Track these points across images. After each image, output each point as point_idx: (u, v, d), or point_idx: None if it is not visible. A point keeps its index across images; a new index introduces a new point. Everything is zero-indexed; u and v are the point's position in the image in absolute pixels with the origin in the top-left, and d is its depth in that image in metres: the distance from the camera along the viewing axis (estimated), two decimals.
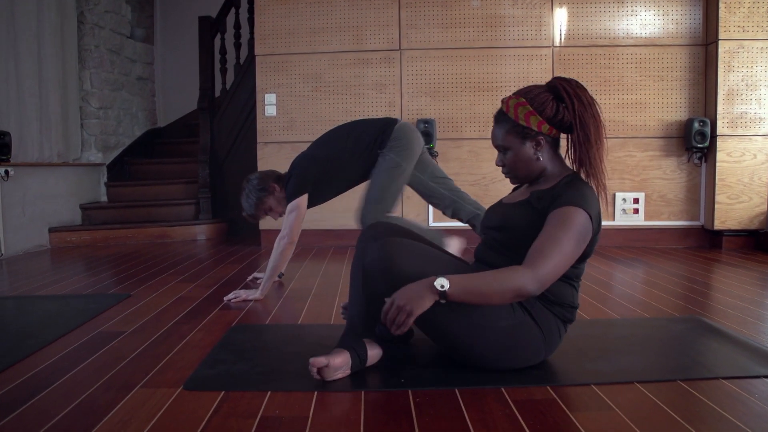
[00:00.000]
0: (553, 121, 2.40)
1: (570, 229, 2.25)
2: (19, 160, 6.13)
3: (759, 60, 5.74)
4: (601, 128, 2.42)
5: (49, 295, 4.11)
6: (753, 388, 2.24)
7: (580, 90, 2.40)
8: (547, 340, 2.42)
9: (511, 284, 2.17)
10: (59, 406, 2.14)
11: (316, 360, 2.30)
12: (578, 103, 2.37)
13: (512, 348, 2.34)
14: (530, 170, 2.49)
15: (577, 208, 2.29)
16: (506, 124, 2.47)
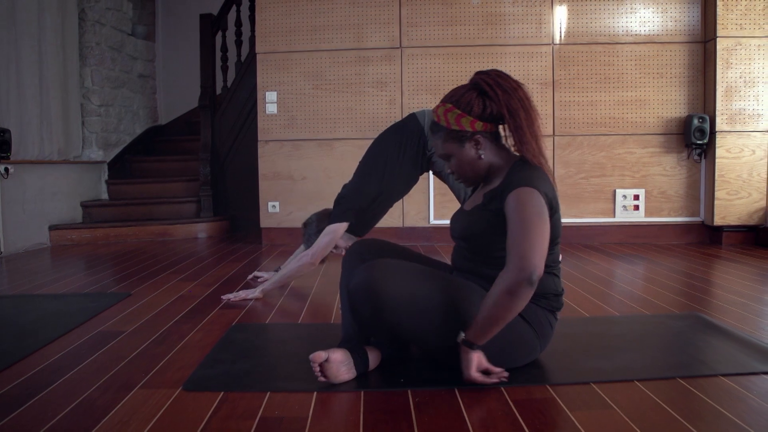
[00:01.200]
0: (484, 117, 2.38)
1: (528, 208, 2.24)
2: (20, 158, 6.14)
3: (756, 57, 5.74)
4: (531, 111, 2.38)
5: (49, 293, 4.12)
6: (752, 385, 2.24)
7: (502, 79, 2.39)
8: (540, 335, 2.42)
9: (507, 293, 2.16)
10: (58, 407, 2.14)
11: (316, 355, 2.29)
12: (502, 92, 2.35)
13: (506, 350, 2.33)
14: (477, 170, 2.47)
15: (526, 187, 2.27)
16: (442, 133, 2.46)
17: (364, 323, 2.40)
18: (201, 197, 7.36)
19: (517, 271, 2.15)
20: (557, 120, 6.05)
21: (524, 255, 2.16)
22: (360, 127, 6.14)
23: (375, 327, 2.39)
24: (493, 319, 2.18)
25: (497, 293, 2.17)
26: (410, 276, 2.33)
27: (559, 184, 6.05)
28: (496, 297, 2.17)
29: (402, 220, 6.13)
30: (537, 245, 2.19)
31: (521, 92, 2.38)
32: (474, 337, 2.21)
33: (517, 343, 2.36)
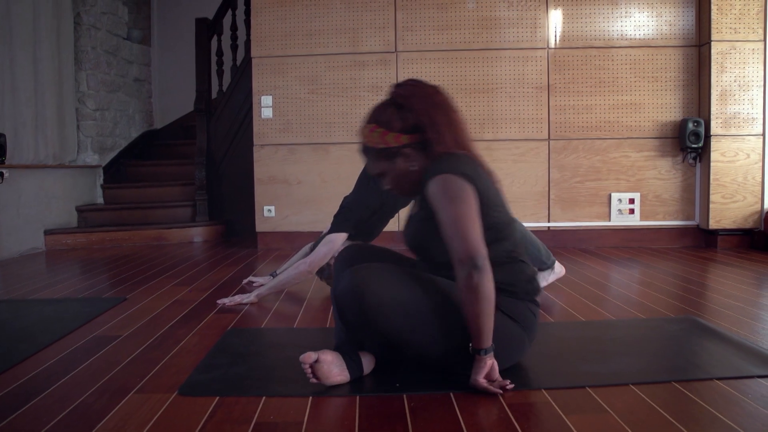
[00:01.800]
0: (406, 130, 2.39)
1: (446, 196, 2.25)
2: (15, 162, 6.13)
3: (751, 61, 5.75)
4: (450, 111, 2.41)
5: (44, 298, 4.11)
6: (747, 388, 2.25)
7: (416, 88, 2.42)
8: (525, 327, 2.42)
9: (467, 290, 2.17)
10: (54, 412, 2.14)
11: (306, 356, 2.29)
12: (417, 101, 2.38)
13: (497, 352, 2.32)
14: (413, 181, 2.46)
15: (437, 176, 2.27)
16: (371, 154, 2.47)
17: (351, 327, 2.40)
18: (196, 201, 7.35)
19: (461, 265, 2.17)
20: (552, 124, 6.06)
21: (459, 247, 2.18)
22: (355, 131, 6.07)
23: (363, 331, 2.39)
24: (476, 319, 2.19)
25: (461, 295, 2.19)
26: (395, 279, 2.31)
27: (555, 188, 6.06)
28: (463, 299, 2.19)
29: (398, 225, 6.13)
30: (467, 230, 2.19)
31: (438, 97, 2.42)
32: (476, 343, 2.21)
33: (505, 342, 2.34)
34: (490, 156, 5.97)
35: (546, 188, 6.08)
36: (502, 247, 2.39)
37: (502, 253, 2.38)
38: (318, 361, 2.30)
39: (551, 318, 3.37)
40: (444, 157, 2.35)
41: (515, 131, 6.07)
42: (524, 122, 6.05)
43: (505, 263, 2.40)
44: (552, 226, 6.08)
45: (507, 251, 2.40)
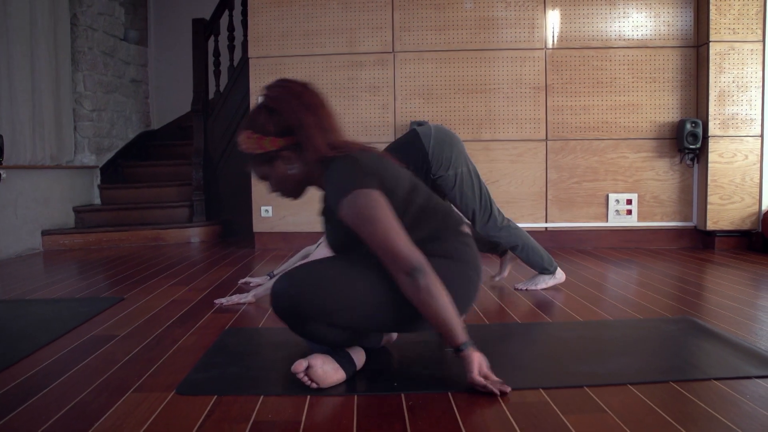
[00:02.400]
0: (280, 133, 2.38)
1: (361, 219, 2.24)
2: (12, 163, 6.12)
3: (749, 61, 5.76)
4: (319, 109, 2.42)
5: (42, 298, 4.10)
6: (745, 389, 2.25)
7: (284, 89, 2.41)
8: (462, 260, 2.45)
9: (415, 291, 2.18)
10: (51, 411, 2.14)
11: (297, 365, 2.28)
12: (285, 103, 2.37)
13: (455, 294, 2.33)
14: (295, 183, 2.48)
15: (344, 198, 2.26)
16: (250, 160, 2.47)
17: (305, 335, 2.39)
18: (194, 202, 7.35)
19: (403, 275, 2.18)
20: (550, 124, 6.06)
21: (394, 261, 2.19)
22: (352, 131, 6.14)
23: (315, 335, 2.37)
24: (439, 318, 2.20)
25: (415, 303, 2.20)
26: (324, 276, 2.29)
27: (552, 188, 6.07)
28: (418, 305, 2.20)
29: None
30: (394, 243, 2.19)
31: (306, 96, 2.41)
32: (452, 341, 2.23)
33: (447, 284, 2.31)
34: (487, 156, 5.98)
35: (543, 189, 6.08)
36: (429, 226, 2.43)
37: (431, 231, 2.42)
38: (310, 366, 2.29)
39: (549, 318, 3.38)
40: (336, 171, 2.33)
41: (513, 132, 6.07)
42: (522, 123, 6.06)
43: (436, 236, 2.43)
44: (549, 226, 6.09)
45: (436, 229, 2.44)
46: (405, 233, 2.24)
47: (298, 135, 2.36)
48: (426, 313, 2.21)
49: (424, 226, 2.40)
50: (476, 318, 3.39)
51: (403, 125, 6.05)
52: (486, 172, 5.89)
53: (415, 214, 2.40)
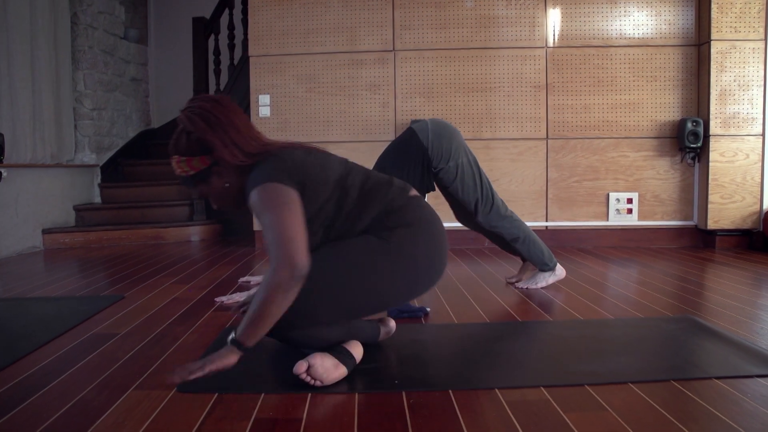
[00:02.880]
0: (202, 151, 2.41)
1: (261, 208, 2.27)
2: (12, 162, 6.12)
3: (751, 60, 5.76)
4: (234, 118, 2.44)
5: (43, 296, 4.11)
6: (746, 387, 2.25)
7: (192, 110, 2.43)
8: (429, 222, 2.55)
9: (276, 289, 2.15)
10: (52, 408, 2.14)
11: (298, 366, 2.28)
12: (197, 122, 2.40)
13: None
14: (233, 194, 2.51)
15: (254, 188, 2.30)
16: (185, 182, 2.51)
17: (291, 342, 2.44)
18: (194, 200, 7.35)
19: (281, 269, 2.15)
20: (550, 123, 6.06)
21: (279, 254, 2.17)
22: (353, 130, 6.14)
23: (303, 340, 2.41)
24: (261, 319, 2.18)
25: (265, 290, 2.16)
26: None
27: (552, 187, 6.06)
28: (265, 295, 2.15)
29: None
30: (287, 236, 2.18)
31: (216, 111, 2.42)
32: (245, 337, 2.18)
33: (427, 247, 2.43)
34: (488, 155, 5.97)
35: (544, 187, 6.08)
36: (379, 202, 2.48)
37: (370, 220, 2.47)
38: (310, 365, 2.29)
39: (550, 317, 3.38)
40: (259, 165, 2.38)
41: (513, 130, 6.07)
42: (522, 121, 6.06)
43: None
44: (550, 225, 6.08)
45: (386, 202, 2.49)
46: (306, 234, 2.23)
47: (223, 150, 2.40)
48: (265, 307, 2.16)
49: (375, 204, 2.46)
50: (477, 317, 3.40)
51: (404, 123, 6.05)
52: (486, 170, 5.85)
53: (360, 196, 2.45)
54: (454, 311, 3.49)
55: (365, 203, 2.45)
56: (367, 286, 2.39)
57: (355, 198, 2.44)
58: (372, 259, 2.41)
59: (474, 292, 4.00)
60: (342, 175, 2.47)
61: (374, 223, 2.40)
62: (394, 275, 2.44)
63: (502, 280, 4.40)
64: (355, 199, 2.44)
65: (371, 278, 2.38)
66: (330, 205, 2.42)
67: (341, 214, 2.43)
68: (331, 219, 2.43)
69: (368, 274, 2.37)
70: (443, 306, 3.63)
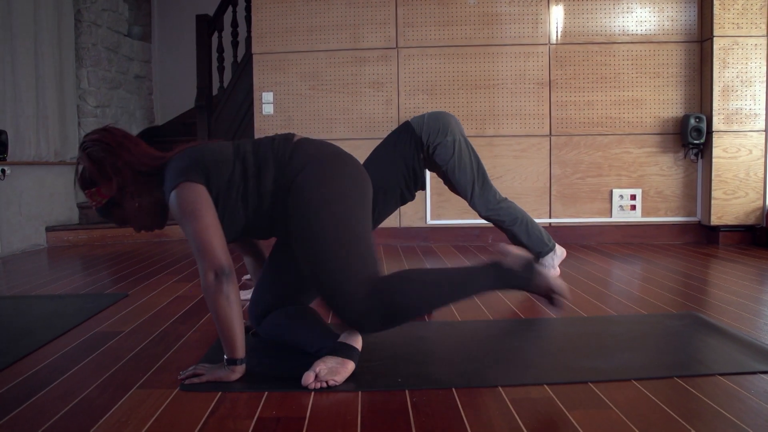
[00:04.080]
0: (108, 177, 2.49)
1: (180, 214, 2.35)
2: (16, 159, 6.13)
3: (753, 56, 5.75)
4: (119, 137, 2.53)
5: (46, 294, 4.11)
6: (750, 384, 2.24)
7: (84, 146, 2.51)
8: (321, 146, 2.63)
9: (218, 296, 2.27)
10: (56, 407, 2.14)
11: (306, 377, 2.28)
12: (94, 153, 2.48)
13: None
14: (149, 211, 2.58)
15: (170, 194, 2.39)
16: (102, 213, 2.58)
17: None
18: None
19: (211, 275, 2.28)
20: (554, 120, 6.05)
21: (205, 260, 2.29)
22: (356, 127, 6.14)
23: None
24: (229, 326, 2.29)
25: (210, 299, 2.28)
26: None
27: (556, 184, 6.06)
28: (212, 303, 2.28)
29: (399, 221, 6.13)
30: (207, 243, 2.30)
31: (107, 136, 2.51)
32: (228, 352, 2.32)
33: (336, 170, 2.54)
34: (491, 152, 5.97)
35: (547, 184, 6.08)
36: (273, 161, 2.52)
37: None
38: (317, 373, 2.29)
39: (553, 314, 3.37)
40: (166, 171, 2.47)
41: (516, 127, 6.07)
42: (525, 118, 6.05)
43: None
44: (553, 222, 6.08)
45: (278, 158, 2.53)
46: (221, 234, 2.35)
47: (121, 170, 2.47)
48: (218, 317, 2.28)
49: (268, 161, 2.50)
50: (480, 314, 3.40)
51: None
52: (490, 167, 5.88)
53: (255, 160, 2.50)
54: (457, 309, 3.49)
55: (261, 163, 2.49)
56: (343, 232, 2.43)
57: (252, 162, 2.50)
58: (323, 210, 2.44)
59: None
60: (235, 149, 2.54)
61: (278, 177, 2.48)
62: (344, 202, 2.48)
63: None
64: (253, 164, 2.50)
65: (339, 225, 2.42)
66: (236, 177, 2.47)
67: (248, 180, 2.48)
68: (243, 188, 2.49)
69: (334, 225, 2.42)
70: None
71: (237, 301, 2.30)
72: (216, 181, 2.43)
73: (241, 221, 2.52)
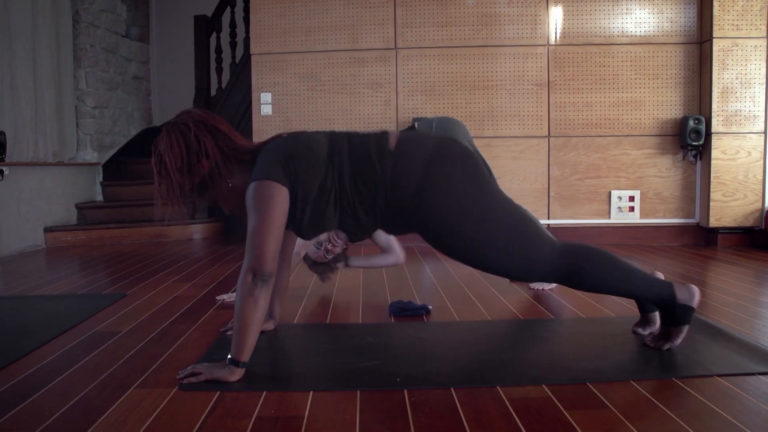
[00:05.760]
0: (198, 158, 2.46)
1: (251, 208, 2.35)
2: (14, 160, 6.13)
3: (753, 58, 5.75)
4: (216, 121, 2.54)
5: (45, 295, 4.11)
6: (748, 385, 2.24)
7: (182, 121, 2.54)
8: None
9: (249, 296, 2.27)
10: (55, 407, 2.14)
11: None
12: (193, 125, 2.49)
13: None
14: (240, 194, 2.52)
15: (250, 186, 2.38)
16: (194, 194, 2.56)
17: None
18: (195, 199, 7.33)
19: (250, 273, 2.28)
20: (552, 121, 6.06)
21: (252, 257, 2.29)
22: (355, 128, 6.13)
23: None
24: (241, 323, 2.30)
25: (240, 296, 2.29)
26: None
27: (554, 185, 6.07)
28: (240, 300, 2.28)
29: None
30: (263, 242, 2.30)
31: (203, 116, 2.53)
32: (236, 353, 2.32)
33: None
34: (489, 153, 5.97)
35: (546, 185, 6.08)
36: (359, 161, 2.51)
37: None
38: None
39: (552, 314, 3.38)
40: (258, 158, 2.46)
41: (515, 128, 6.07)
42: (524, 119, 6.06)
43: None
44: (552, 223, 6.09)
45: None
46: (279, 240, 2.34)
47: (211, 154, 2.45)
48: (240, 315, 2.29)
49: (372, 182, 2.47)
50: (479, 315, 3.40)
51: (405, 121, 6.06)
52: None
53: (352, 174, 2.47)
54: (455, 309, 3.49)
55: (358, 175, 2.48)
56: (500, 224, 2.50)
57: (348, 172, 2.47)
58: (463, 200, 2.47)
59: (476, 290, 3.99)
60: (330, 150, 2.50)
61: (389, 198, 2.48)
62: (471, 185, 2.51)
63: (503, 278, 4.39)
64: (349, 174, 2.48)
65: (494, 222, 2.48)
66: (329, 182, 2.46)
67: (344, 189, 2.47)
68: (338, 192, 2.47)
69: (490, 227, 2.47)
70: (445, 304, 3.63)
71: (264, 307, 2.30)
72: (304, 184, 2.42)
73: (333, 224, 2.53)
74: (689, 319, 2.56)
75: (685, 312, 2.53)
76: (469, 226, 2.44)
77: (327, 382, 2.33)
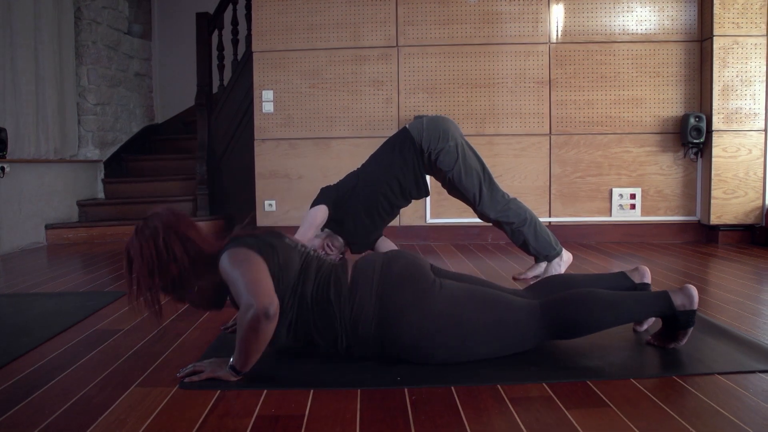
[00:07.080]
0: (169, 258, 2.49)
1: (230, 265, 2.36)
2: (16, 157, 6.13)
3: (753, 56, 5.75)
4: (186, 226, 2.61)
5: (46, 292, 4.11)
6: (748, 383, 2.25)
7: (149, 225, 2.61)
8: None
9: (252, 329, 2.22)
10: (55, 405, 2.14)
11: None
12: (164, 233, 2.55)
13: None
14: (207, 293, 2.55)
15: (223, 257, 2.42)
16: (165, 293, 2.60)
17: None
18: (197, 196, 7.34)
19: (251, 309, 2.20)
20: (554, 119, 6.05)
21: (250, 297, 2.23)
22: (356, 125, 6.14)
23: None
24: (245, 352, 2.29)
25: (240, 330, 2.25)
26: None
27: (556, 182, 6.06)
28: (240, 333, 2.26)
29: (399, 220, 6.13)
30: (256, 282, 2.28)
31: (169, 221, 2.61)
32: (239, 366, 2.32)
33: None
34: (491, 150, 5.97)
35: (547, 183, 6.08)
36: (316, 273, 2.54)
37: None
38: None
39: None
40: (226, 247, 2.48)
41: (516, 126, 6.07)
42: (525, 117, 6.05)
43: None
44: (553, 221, 6.08)
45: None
46: (269, 278, 2.33)
47: (186, 254, 2.49)
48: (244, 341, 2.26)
49: (331, 320, 2.46)
50: None
51: (407, 119, 6.05)
52: (489, 166, 5.83)
53: (314, 306, 2.47)
54: None
55: (320, 309, 2.48)
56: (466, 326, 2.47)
57: (310, 300, 2.48)
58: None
59: None
60: (301, 267, 2.54)
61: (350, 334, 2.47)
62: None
63: (504, 275, 4.39)
64: (311, 302, 2.48)
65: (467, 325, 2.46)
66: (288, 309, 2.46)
67: (307, 316, 2.47)
68: (296, 317, 2.48)
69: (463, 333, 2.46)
70: None
71: (266, 337, 2.25)
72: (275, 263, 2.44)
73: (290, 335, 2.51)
74: (693, 321, 2.55)
75: (687, 317, 2.53)
76: (441, 338, 2.42)
77: (327, 381, 2.33)
